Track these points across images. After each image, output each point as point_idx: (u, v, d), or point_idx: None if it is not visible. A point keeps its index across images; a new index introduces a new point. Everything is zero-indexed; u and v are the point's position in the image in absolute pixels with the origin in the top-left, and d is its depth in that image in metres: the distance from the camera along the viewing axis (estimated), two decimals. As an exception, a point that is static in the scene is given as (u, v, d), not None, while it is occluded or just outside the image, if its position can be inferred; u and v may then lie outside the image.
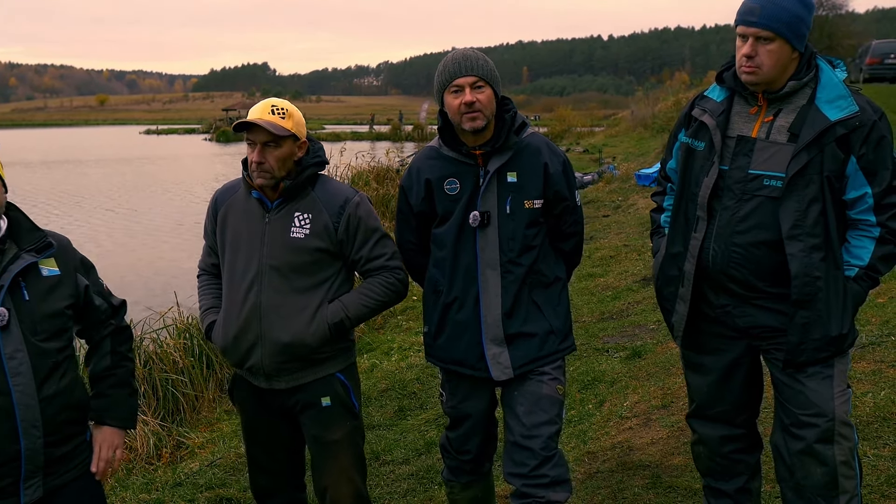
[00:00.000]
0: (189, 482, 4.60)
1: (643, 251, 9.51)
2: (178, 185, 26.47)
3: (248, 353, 2.90)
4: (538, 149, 2.91)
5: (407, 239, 3.13)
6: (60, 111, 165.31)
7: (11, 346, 2.26)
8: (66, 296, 2.43)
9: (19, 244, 2.36)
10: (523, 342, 2.90)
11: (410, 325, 7.95)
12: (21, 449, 2.27)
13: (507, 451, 2.92)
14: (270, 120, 2.78)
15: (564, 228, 3.00)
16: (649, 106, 30.91)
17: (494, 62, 2.92)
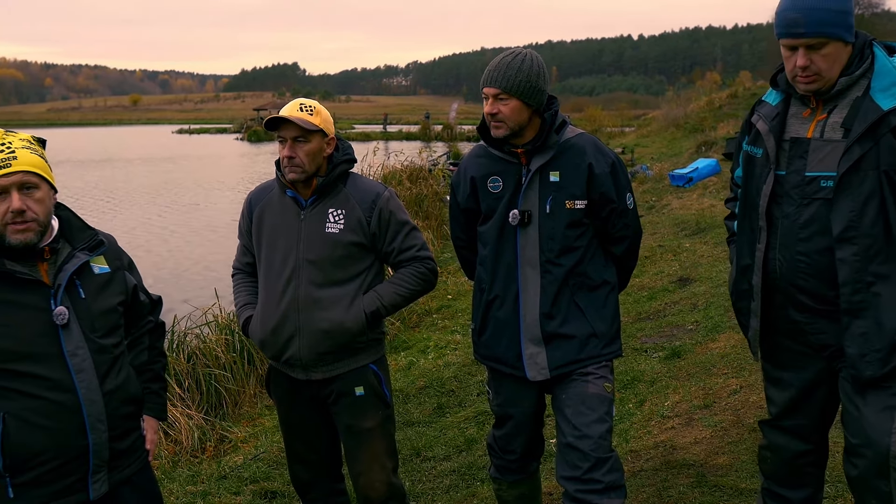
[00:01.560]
0: (234, 475, 4.68)
1: (679, 252, 9.48)
2: (216, 184, 26.74)
3: (287, 345, 2.99)
4: (583, 149, 2.88)
5: (457, 235, 3.22)
6: (94, 111, 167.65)
7: (73, 343, 2.30)
8: (117, 293, 2.49)
9: (72, 243, 2.41)
10: (562, 343, 2.88)
11: (446, 324, 7.99)
12: (89, 444, 2.31)
13: (559, 453, 2.89)
14: (299, 116, 2.92)
15: (613, 232, 2.94)
16: (681, 106, 30.68)
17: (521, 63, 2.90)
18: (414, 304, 8.52)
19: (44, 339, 2.26)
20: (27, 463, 2.25)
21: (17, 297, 2.26)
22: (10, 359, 2.22)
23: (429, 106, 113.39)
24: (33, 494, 2.27)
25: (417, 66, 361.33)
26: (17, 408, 2.23)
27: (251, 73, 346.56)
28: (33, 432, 2.23)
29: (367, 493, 3.10)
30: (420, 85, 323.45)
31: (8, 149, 2.25)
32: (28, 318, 2.26)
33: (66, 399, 2.27)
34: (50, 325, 2.27)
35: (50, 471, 2.27)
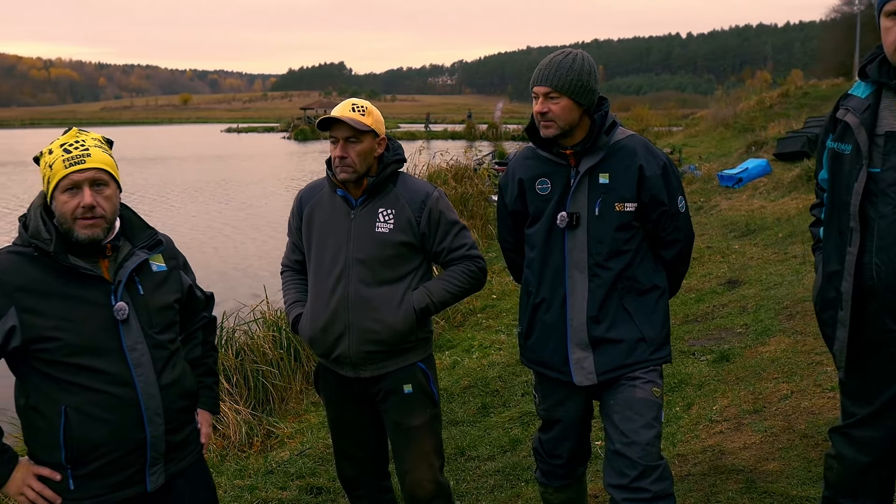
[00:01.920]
0: (280, 470, 4.74)
1: (727, 253, 9.34)
2: (266, 182, 27.06)
3: (336, 343, 3.02)
4: (634, 150, 2.82)
5: (504, 238, 3.20)
6: (146, 110, 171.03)
7: (132, 338, 2.35)
8: (173, 290, 2.54)
9: (132, 241, 2.46)
10: (609, 348, 2.83)
11: (490, 324, 7.98)
12: (146, 437, 2.35)
13: (607, 460, 2.82)
14: (351, 116, 2.93)
15: (664, 235, 2.88)
16: (730, 105, 30.19)
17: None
18: (458, 304, 8.52)
19: (104, 333, 2.31)
20: (88, 455, 2.30)
21: (79, 292, 2.31)
22: (73, 353, 2.27)
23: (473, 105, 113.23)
24: (93, 486, 2.33)
25: (463, 66, 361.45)
26: (78, 401, 2.28)
27: (298, 73, 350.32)
28: (94, 425, 2.29)
29: (413, 491, 3.11)
30: (465, 84, 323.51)
31: (82, 146, 2.32)
32: (90, 312, 2.30)
33: (125, 393, 2.32)
34: (110, 320, 2.32)
35: (109, 463, 2.32)
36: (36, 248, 2.29)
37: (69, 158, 2.29)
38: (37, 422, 2.32)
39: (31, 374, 2.32)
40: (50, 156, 2.32)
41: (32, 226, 2.32)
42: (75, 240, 2.31)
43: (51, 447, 2.30)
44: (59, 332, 2.26)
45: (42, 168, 2.35)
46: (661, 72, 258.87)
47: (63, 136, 2.37)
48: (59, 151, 2.31)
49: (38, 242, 2.28)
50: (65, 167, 2.28)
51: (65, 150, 2.30)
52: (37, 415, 2.32)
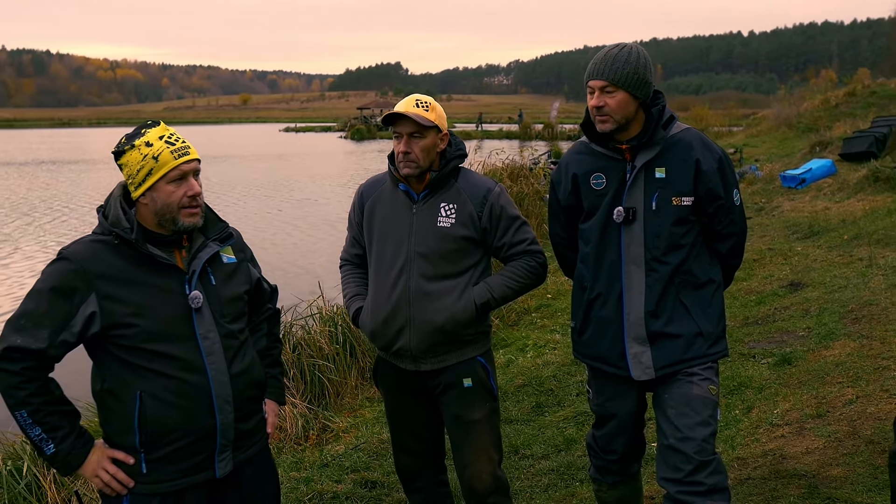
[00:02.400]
0: (335, 464, 4.79)
1: (790, 255, 9.13)
2: (327, 180, 27.37)
3: (397, 337, 3.04)
4: (690, 144, 2.81)
5: (556, 233, 3.18)
6: (207, 110, 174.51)
7: (204, 327, 2.40)
8: (242, 282, 2.60)
9: (205, 233, 2.52)
10: (667, 342, 2.81)
11: (545, 323, 7.94)
12: (216, 424, 2.40)
13: (660, 455, 2.82)
14: (416, 112, 2.95)
15: (719, 229, 2.87)
16: (794, 105, 29.47)
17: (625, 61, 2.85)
18: (513, 303, 8.49)
19: (179, 321, 2.37)
20: (160, 440, 2.36)
21: (156, 281, 2.37)
22: (149, 339, 2.33)
23: (529, 105, 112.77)
24: (165, 471, 2.38)
25: (519, 65, 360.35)
26: (152, 387, 2.34)
27: (355, 73, 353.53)
28: (167, 411, 2.34)
29: (472, 485, 3.11)
30: (521, 84, 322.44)
31: (180, 139, 2.40)
32: (166, 300, 2.36)
33: (197, 380, 2.37)
34: (185, 308, 2.38)
35: (180, 448, 2.38)
36: (116, 237, 2.35)
37: (176, 150, 2.36)
38: (112, 406, 2.38)
39: (108, 360, 2.37)
40: (150, 148, 2.35)
41: (112, 215, 2.38)
42: (180, 228, 2.38)
43: (125, 431, 2.36)
44: (137, 318, 2.32)
45: (137, 160, 2.36)
46: (721, 71, 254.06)
47: (156, 129, 2.41)
48: (160, 143, 2.36)
49: (119, 231, 2.34)
50: (174, 158, 2.35)
51: (167, 143, 2.36)
52: (112, 399, 2.38)
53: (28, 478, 4.41)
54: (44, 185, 26.93)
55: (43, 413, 2.29)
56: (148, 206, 2.38)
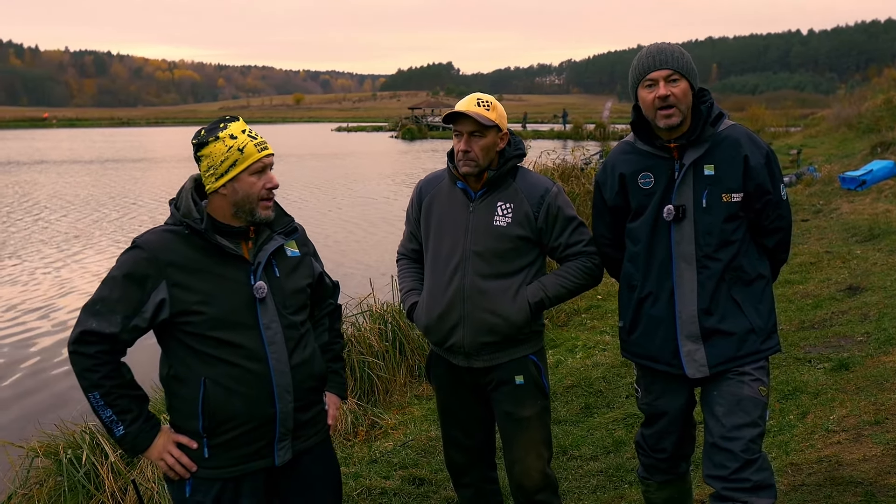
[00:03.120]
0: (384, 460, 4.83)
1: (848, 259, 8.90)
2: (377, 179, 27.56)
3: (451, 333, 3.06)
4: (738, 140, 2.80)
5: (601, 234, 3.16)
6: (261, 109, 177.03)
7: (268, 316, 2.48)
8: (305, 275, 2.68)
9: (271, 227, 2.61)
10: (721, 340, 2.80)
11: (595, 324, 7.88)
12: (276, 412, 2.48)
13: (706, 453, 2.82)
14: (477, 111, 2.96)
15: (766, 224, 2.87)
16: (854, 105, 28.71)
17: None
18: (562, 303, 8.44)
19: (243, 310, 2.45)
20: (222, 426, 2.43)
21: (223, 271, 2.45)
22: (214, 327, 2.41)
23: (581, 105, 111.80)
24: (226, 456, 2.46)
25: (571, 65, 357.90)
26: (216, 374, 2.42)
27: (407, 73, 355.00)
28: (230, 397, 2.42)
29: (521, 481, 3.12)
30: (573, 83, 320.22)
31: (259, 135, 2.51)
32: (232, 290, 2.45)
33: (259, 368, 2.45)
34: (249, 298, 2.47)
35: (241, 435, 2.45)
36: (187, 227, 2.43)
37: (258, 143, 2.48)
38: (178, 391, 2.47)
39: (175, 346, 2.46)
40: (234, 140, 2.45)
41: (184, 206, 2.47)
42: (255, 220, 2.49)
43: (189, 416, 2.44)
44: (203, 306, 2.40)
45: (221, 152, 2.44)
46: (778, 70, 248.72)
47: (237, 123, 2.52)
48: (244, 137, 2.46)
49: (190, 221, 2.43)
50: (258, 151, 2.46)
51: (250, 137, 2.47)
52: (178, 384, 2.47)
53: (87, 466, 4.54)
54: (110, 183, 27.64)
55: (114, 396, 2.37)
56: (226, 198, 2.48)
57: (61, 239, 15.72)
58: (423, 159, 36.01)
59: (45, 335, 9.28)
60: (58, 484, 4.52)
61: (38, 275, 12.53)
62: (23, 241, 15.49)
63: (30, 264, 13.32)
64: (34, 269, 12.89)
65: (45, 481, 4.58)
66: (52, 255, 14.08)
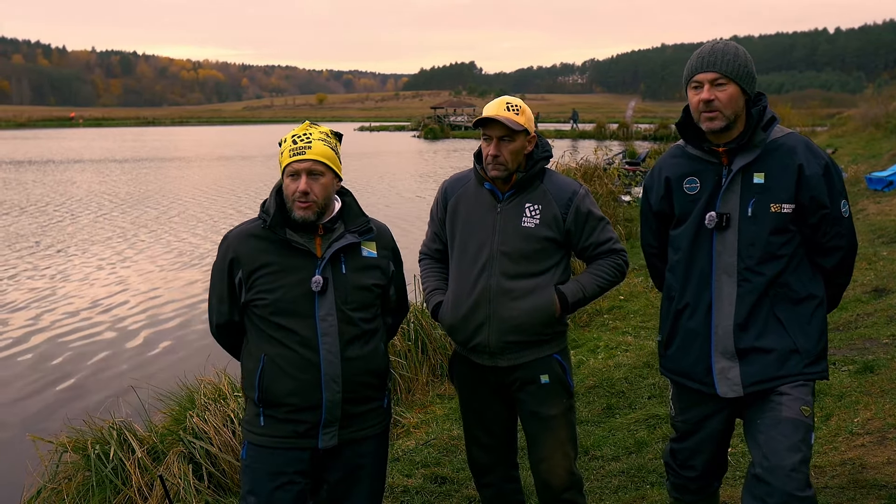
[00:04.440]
0: (406, 458, 4.86)
1: (874, 260, 8.82)
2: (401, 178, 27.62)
3: (476, 332, 3.08)
4: (793, 148, 2.67)
5: (648, 242, 3.12)
6: (284, 109, 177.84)
7: (325, 309, 2.66)
8: (377, 276, 2.82)
9: (347, 226, 2.78)
10: (758, 358, 2.66)
11: (617, 325, 7.87)
12: (322, 398, 2.65)
13: (747, 484, 2.65)
14: (507, 116, 2.98)
15: (824, 241, 2.69)
16: (882, 104, 28.38)
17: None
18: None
19: (304, 300, 2.66)
20: (275, 401, 2.68)
21: (291, 263, 2.68)
22: (277, 312, 2.66)
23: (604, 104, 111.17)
24: (278, 427, 2.69)
25: (594, 64, 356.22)
26: (273, 353, 2.67)
27: (429, 73, 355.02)
28: (281, 377, 2.66)
29: (548, 480, 3.13)
30: (596, 83, 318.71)
31: (306, 139, 2.69)
32: (296, 280, 2.67)
33: (310, 356, 2.65)
34: (310, 289, 2.66)
35: (291, 412, 2.67)
36: (263, 221, 2.71)
37: (294, 149, 2.66)
38: (246, 362, 2.77)
39: (249, 324, 2.77)
40: (284, 144, 2.70)
41: (268, 202, 2.74)
42: (293, 219, 2.67)
43: (250, 386, 2.73)
44: (267, 294, 2.66)
45: (279, 153, 2.74)
46: (805, 69, 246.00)
47: (299, 128, 2.73)
48: (289, 141, 2.69)
49: (265, 216, 2.71)
50: (290, 156, 2.67)
51: (293, 141, 2.68)
52: (247, 357, 2.77)
53: (114, 462, 4.60)
54: (156, 181, 27.89)
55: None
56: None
57: (122, 234, 15.97)
58: (455, 159, 36.01)
59: (82, 329, 9.40)
60: (86, 479, 4.60)
61: (119, 268, 12.81)
62: (87, 236, 15.72)
63: (103, 259, 13.53)
64: (108, 263, 13.11)
65: (73, 476, 4.66)
66: (123, 249, 14.36)
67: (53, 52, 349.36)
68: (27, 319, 9.88)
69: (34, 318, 9.92)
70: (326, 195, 2.70)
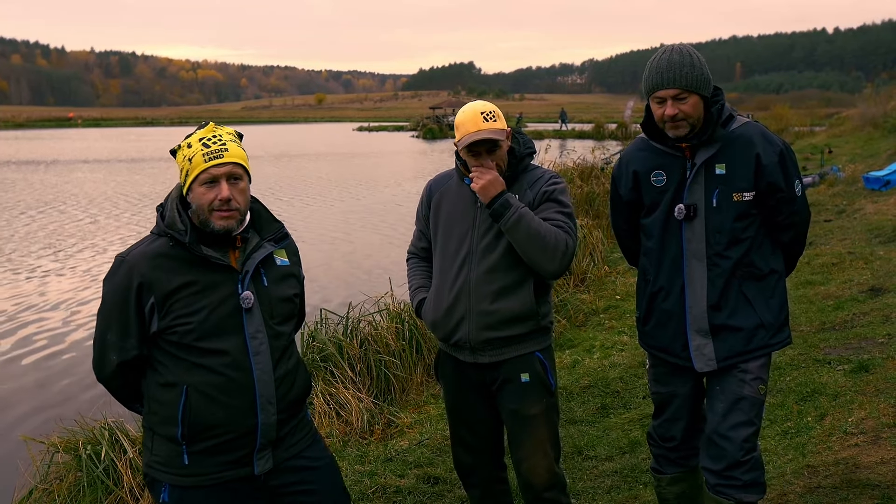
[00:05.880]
0: (399, 458, 4.85)
1: (871, 260, 8.80)
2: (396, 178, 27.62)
3: (457, 328, 3.08)
4: (750, 139, 2.82)
5: (619, 225, 3.25)
6: (283, 109, 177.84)
7: (253, 326, 2.43)
8: (294, 285, 2.63)
9: (260, 233, 2.56)
10: (729, 335, 2.86)
11: (613, 325, 7.85)
12: (258, 423, 2.43)
13: (704, 442, 2.97)
14: (489, 127, 2.97)
15: (780, 220, 2.89)
16: (881, 104, 28.39)
17: (706, 59, 2.85)
18: (580, 304, 8.42)
19: (229, 320, 2.41)
20: (202, 434, 2.40)
21: (212, 280, 2.41)
22: (204, 335, 2.38)
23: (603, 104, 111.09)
24: (205, 463, 2.42)
25: (593, 64, 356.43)
26: (198, 382, 2.39)
27: (428, 73, 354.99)
28: (210, 406, 2.39)
29: (529, 479, 3.13)
30: (595, 83, 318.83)
31: (220, 141, 2.42)
32: (219, 299, 2.40)
33: (242, 378, 2.41)
34: (236, 307, 2.42)
35: (221, 443, 2.42)
36: (171, 238, 2.41)
37: (208, 153, 2.38)
38: (159, 396, 2.44)
39: (159, 354, 2.44)
40: (189, 149, 2.41)
41: (169, 216, 2.44)
42: (211, 230, 2.41)
43: (168, 422, 2.41)
44: (190, 317, 2.37)
45: (180, 161, 2.44)
46: (803, 69, 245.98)
47: (201, 131, 2.45)
48: (197, 145, 2.40)
49: (174, 233, 2.40)
50: (204, 161, 2.37)
51: (203, 145, 2.39)
52: (159, 390, 2.44)
53: (106, 462, 4.59)
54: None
55: None
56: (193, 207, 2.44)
57: (123, 234, 15.91)
58: (444, 159, 36.01)
59: (73, 330, 9.38)
60: (77, 479, 4.58)
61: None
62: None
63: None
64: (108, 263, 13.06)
65: (64, 476, 4.64)
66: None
67: (52, 52, 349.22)
68: (25, 319, 9.85)
69: (32, 318, 9.89)
70: (246, 201, 2.47)
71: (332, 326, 6.61)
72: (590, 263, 9.94)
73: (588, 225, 10.97)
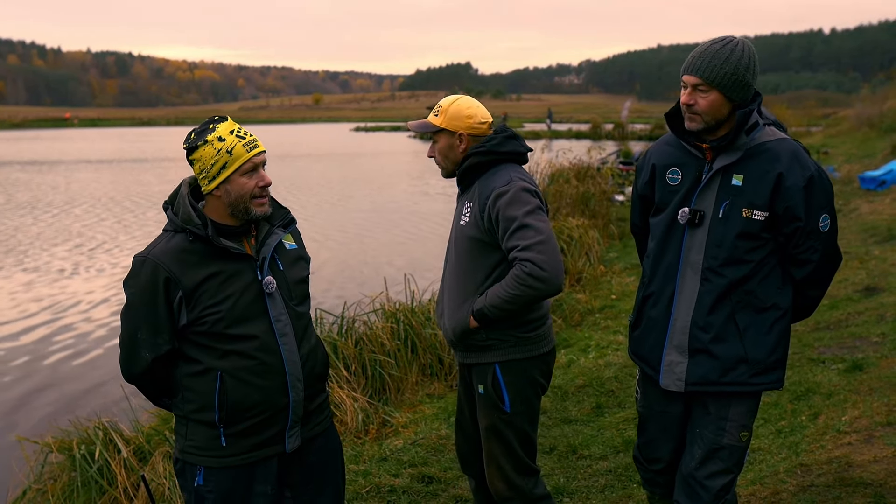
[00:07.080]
0: (393, 458, 4.84)
1: (866, 259, 8.84)
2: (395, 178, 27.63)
3: (440, 321, 3.19)
4: (777, 156, 2.60)
5: (634, 221, 3.13)
6: (280, 109, 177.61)
7: (276, 309, 2.55)
8: (304, 266, 2.75)
9: (270, 220, 2.66)
10: (705, 360, 2.69)
11: (608, 324, 7.86)
12: (289, 401, 2.56)
13: (680, 475, 2.83)
14: (422, 121, 3.13)
15: (795, 253, 2.64)
16: (877, 104, 28.44)
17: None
18: (576, 303, 8.43)
19: (254, 305, 2.52)
20: (239, 416, 2.51)
21: (232, 269, 2.51)
22: (233, 322, 2.49)
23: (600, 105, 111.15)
24: (241, 445, 2.54)
25: (590, 65, 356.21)
26: (232, 367, 2.50)
27: (426, 73, 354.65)
28: (246, 389, 2.50)
29: (490, 488, 3.17)
30: (592, 83, 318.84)
31: (248, 132, 2.53)
32: (242, 286, 2.51)
33: (272, 360, 2.53)
34: (258, 293, 2.53)
35: (255, 424, 2.54)
36: (190, 234, 2.48)
37: (247, 143, 2.50)
38: (193, 386, 2.53)
39: (188, 346, 2.53)
40: (222, 143, 2.48)
41: (183, 212, 2.51)
42: (252, 217, 2.53)
43: (205, 408, 2.51)
44: (220, 305, 2.47)
45: (211, 155, 2.47)
46: (800, 70, 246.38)
47: (225, 124, 2.53)
48: (232, 138, 2.49)
49: (192, 227, 2.47)
50: (246, 151, 2.49)
51: (238, 137, 2.49)
52: (192, 380, 2.53)
53: (100, 462, 4.59)
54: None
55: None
56: (221, 199, 2.52)
57: (121, 233, 15.90)
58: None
59: (68, 331, 9.38)
60: (71, 479, 4.58)
61: (117, 268, 12.69)
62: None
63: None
64: (109, 264, 13.05)
65: (58, 476, 4.65)
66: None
67: (49, 52, 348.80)
68: (21, 319, 9.84)
69: (27, 317, 9.88)
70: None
71: (328, 326, 6.62)
72: (585, 263, 9.96)
73: (583, 224, 10.98)
